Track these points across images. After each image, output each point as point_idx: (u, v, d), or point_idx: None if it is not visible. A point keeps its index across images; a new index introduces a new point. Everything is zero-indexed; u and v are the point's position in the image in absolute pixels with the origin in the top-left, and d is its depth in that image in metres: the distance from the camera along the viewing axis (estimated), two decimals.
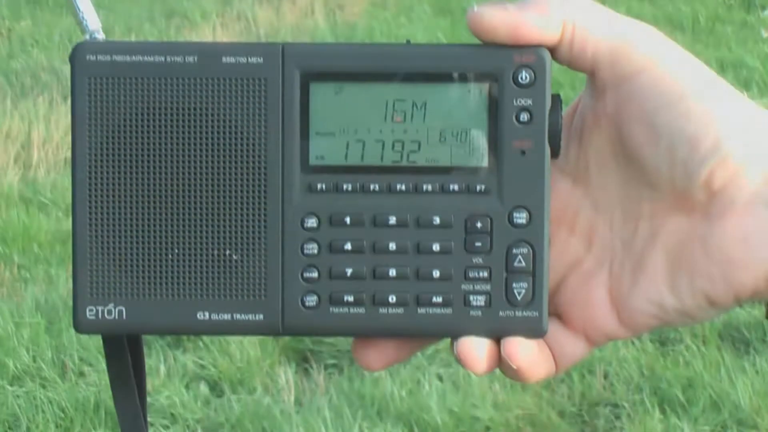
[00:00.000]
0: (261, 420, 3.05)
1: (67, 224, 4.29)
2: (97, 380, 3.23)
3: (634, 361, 3.27)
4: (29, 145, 4.88)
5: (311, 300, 0.73)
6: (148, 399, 3.14)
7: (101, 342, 0.77)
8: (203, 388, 3.26)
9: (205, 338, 3.44)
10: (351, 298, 0.73)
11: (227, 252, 0.73)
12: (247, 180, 0.72)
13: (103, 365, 3.07)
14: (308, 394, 3.23)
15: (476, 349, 0.72)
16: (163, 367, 3.32)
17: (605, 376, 3.23)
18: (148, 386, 3.21)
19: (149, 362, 3.28)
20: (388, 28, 7.14)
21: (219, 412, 3.13)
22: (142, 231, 0.73)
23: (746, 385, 3.10)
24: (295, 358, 3.43)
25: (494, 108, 0.72)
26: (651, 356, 3.29)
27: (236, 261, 0.73)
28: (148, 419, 0.78)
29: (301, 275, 0.73)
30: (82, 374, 3.31)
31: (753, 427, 2.98)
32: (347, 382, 3.24)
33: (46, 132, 4.91)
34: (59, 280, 3.84)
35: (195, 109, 0.72)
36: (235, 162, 0.72)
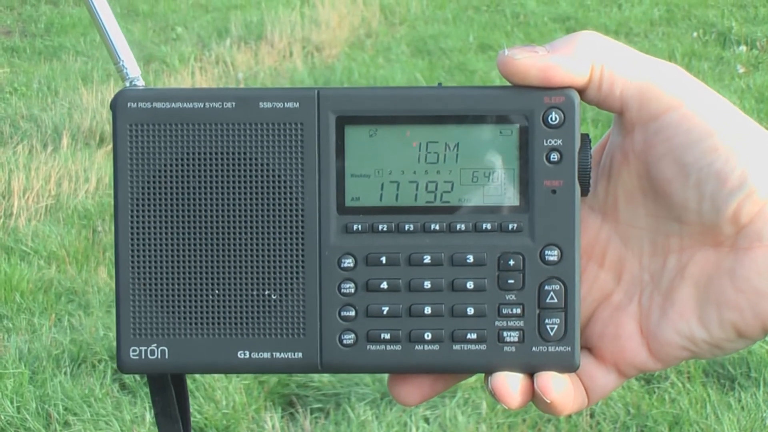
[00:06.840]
0: None
1: (49, 273, 4.27)
2: (82, 430, 3.21)
3: (619, 400, 3.28)
4: (9, 194, 4.85)
5: (349, 338, 0.75)
6: None
7: (146, 378, 0.78)
8: None
9: (190, 385, 3.43)
10: (387, 336, 0.75)
11: (266, 292, 0.74)
12: (285, 221, 0.74)
13: (89, 415, 3.01)
14: None
15: (510, 384, 0.74)
16: (149, 415, 3.30)
17: (591, 415, 3.23)
18: None
19: (134, 410, 3.27)
20: (366, 69, 7.15)
21: None
22: (183, 272, 0.74)
23: (732, 421, 3.12)
24: (281, 402, 3.42)
25: (525, 148, 0.74)
26: (636, 394, 3.30)
27: (275, 301, 0.75)
28: None
29: (339, 314, 0.75)
30: (67, 424, 3.28)
31: None
32: (333, 426, 3.24)
33: (27, 180, 4.89)
34: (42, 330, 3.81)
35: (233, 153, 0.74)
36: (273, 204, 0.74)
